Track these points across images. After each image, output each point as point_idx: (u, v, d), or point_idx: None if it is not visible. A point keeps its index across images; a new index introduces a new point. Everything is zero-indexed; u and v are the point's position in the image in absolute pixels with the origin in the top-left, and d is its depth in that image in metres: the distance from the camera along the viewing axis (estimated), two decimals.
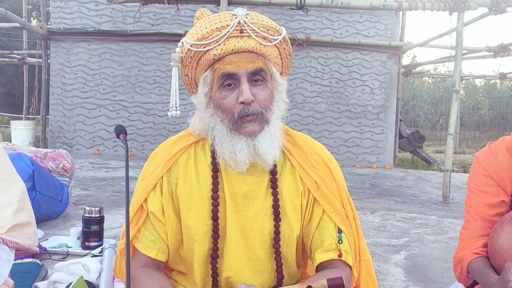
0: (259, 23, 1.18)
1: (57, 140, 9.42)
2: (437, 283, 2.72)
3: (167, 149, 1.29)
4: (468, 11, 5.91)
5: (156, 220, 1.24)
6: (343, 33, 9.64)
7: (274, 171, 1.25)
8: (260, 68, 1.17)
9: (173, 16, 9.25)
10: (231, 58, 1.16)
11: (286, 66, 1.29)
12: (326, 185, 1.26)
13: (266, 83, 1.19)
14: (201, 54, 1.18)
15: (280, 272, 1.26)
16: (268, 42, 1.19)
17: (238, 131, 1.17)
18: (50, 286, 2.11)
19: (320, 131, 9.54)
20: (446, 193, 5.70)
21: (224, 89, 1.17)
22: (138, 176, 1.32)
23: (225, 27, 1.15)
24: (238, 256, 1.23)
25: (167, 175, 1.25)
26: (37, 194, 3.37)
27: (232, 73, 1.15)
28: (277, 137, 1.20)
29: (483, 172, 1.46)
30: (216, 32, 1.15)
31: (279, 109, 1.23)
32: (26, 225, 1.50)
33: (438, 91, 30.03)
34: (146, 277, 1.20)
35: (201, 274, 1.26)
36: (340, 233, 1.24)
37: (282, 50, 1.24)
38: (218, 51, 1.16)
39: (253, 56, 1.17)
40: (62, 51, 9.44)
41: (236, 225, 1.22)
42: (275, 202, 1.23)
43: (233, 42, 1.16)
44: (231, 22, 1.15)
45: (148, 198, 1.24)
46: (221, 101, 1.17)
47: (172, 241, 1.25)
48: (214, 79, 1.19)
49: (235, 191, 1.23)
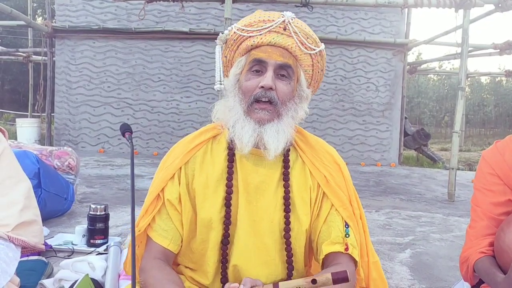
0: (302, 29, 1.28)
1: (62, 138, 9.46)
2: (442, 282, 2.71)
3: (186, 143, 1.34)
4: (474, 8, 5.88)
5: (172, 208, 1.28)
6: (348, 31, 9.61)
7: (286, 165, 1.30)
8: (289, 65, 1.25)
9: (178, 13, 9.25)
10: (267, 48, 1.25)
11: (315, 80, 1.35)
12: (335, 180, 1.31)
13: (290, 81, 1.26)
14: (243, 39, 1.28)
15: (290, 263, 1.28)
16: (304, 48, 1.27)
17: (250, 115, 1.24)
18: (56, 283, 2.11)
19: (324, 129, 9.53)
20: (452, 191, 5.68)
21: (251, 73, 1.25)
22: (142, 174, 1.34)
23: (270, 21, 1.26)
24: (247, 245, 1.26)
25: (184, 166, 1.30)
26: (42, 192, 3.39)
27: (262, 60, 1.23)
28: (284, 132, 1.24)
29: (489, 171, 1.45)
30: (261, 23, 1.26)
31: (295, 111, 1.28)
32: (32, 223, 1.51)
33: (444, 89, 29.91)
34: (156, 270, 1.23)
35: (213, 262, 1.28)
36: (347, 228, 1.26)
37: (315, 62, 1.31)
38: (257, 39, 1.26)
39: (287, 53, 1.26)
40: (67, 49, 9.46)
41: (247, 214, 1.26)
42: (286, 194, 1.28)
43: (273, 35, 1.25)
44: (278, 19, 1.26)
45: (165, 187, 1.29)
46: (244, 83, 1.25)
47: (186, 231, 1.28)
48: (246, 63, 1.28)
49: (248, 181, 1.28)
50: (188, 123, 9.54)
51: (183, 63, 9.51)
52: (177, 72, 9.55)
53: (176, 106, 9.57)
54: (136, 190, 1.32)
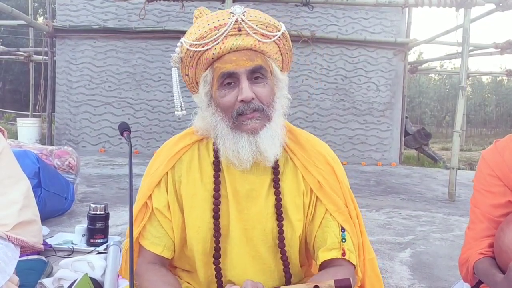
0: (257, 20, 1.17)
1: (63, 137, 9.47)
2: (442, 281, 2.71)
3: (170, 147, 1.29)
4: (474, 7, 5.87)
5: (162, 216, 1.24)
6: (348, 30, 9.60)
7: (276, 171, 1.24)
8: (260, 66, 1.16)
9: (178, 13, 9.25)
10: (230, 56, 1.15)
11: (286, 62, 1.28)
12: (329, 184, 1.25)
13: (266, 80, 1.18)
14: (200, 53, 1.18)
15: (288, 272, 1.25)
16: (267, 39, 1.18)
17: (239, 129, 1.16)
18: (55, 282, 2.12)
19: (325, 128, 9.53)
20: (452, 190, 5.67)
21: (224, 88, 1.17)
22: (143, 173, 1.33)
23: (222, 26, 1.14)
24: (241, 254, 1.23)
25: (171, 172, 1.25)
26: (42, 191, 3.39)
27: (231, 72, 1.14)
28: (278, 134, 1.19)
29: (489, 172, 1.43)
30: (214, 31, 1.15)
31: (281, 106, 1.22)
32: (31, 222, 1.50)
33: (444, 88, 29.88)
34: (151, 273, 1.20)
35: (204, 273, 1.25)
36: (344, 232, 1.23)
37: (281, 46, 1.22)
38: (216, 50, 1.15)
39: (252, 53, 1.16)
40: (68, 49, 9.47)
41: (238, 224, 1.22)
42: (277, 202, 1.23)
43: (231, 40, 1.15)
44: (229, 20, 1.15)
45: (152, 195, 1.24)
46: (220, 100, 1.17)
47: (178, 237, 1.25)
48: (214, 78, 1.18)
49: (237, 190, 1.23)
50: (189, 122, 9.40)
51: None
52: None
53: None
54: (137, 189, 1.32)
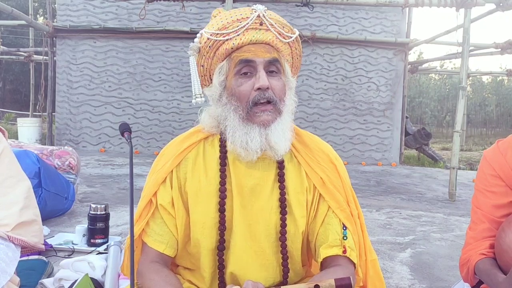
0: (276, 19, 1.23)
1: (63, 137, 9.47)
2: (442, 281, 2.71)
3: (176, 145, 1.31)
4: (475, 7, 5.87)
5: (166, 213, 1.25)
6: (348, 30, 9.60)
7: (281, 165, 1.26)
8: (276, 59, 1.21)
9: (179, 13, 9.25)
10: (249, 47, 1.20)
11: (295, 66, 1.33)
12: (332, 181, 1.28)
13: (280, 75, 1.22)
14: (219, 43, 1.21)
15: (286, 266, 1.26)
16: (283, 38, 1.24)
17: (251, 121, 1.19)
18: (56, 283, 2.11)
19: (325, 128, 9.52)
20: (452, 190, 5.67)
21: (240, 77, 1.20)
22: (143, 174, 1.33)
23: (245, 19, 1.20)
24: (244, 249, 1.24)
25: (176, 169, 1.27)
26: (43, 191, 3.39)
27: (249, 60, 1.18)
28: (288, 129, 1.23)
29: (491, 172, 1.42)
30: (236, 23, 1.20)
31: (290, 103, 1.26)
32: (31, 222, 1.50)
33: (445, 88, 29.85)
34: (153, 273, 1.21)
35: (209, 268, 1.26)
36: (345, 230, 1.24)
37: (293, 49, 1.29)
38: (237, 41, 1.20)
39: (270, 48, 1.22)
40: (68, 49, 9.47)
41: (242, 218, 1.24)
42: (281, 196, 1.25)
43: (252, 33, 1.20)
44: (251, 15, 1.20)
45: (157, 191, 1.26)
46: (236, 88, 1.20)
47: (181, 235, 1.26)
48: (230, 68, 1.22)
49: (242, 184, 1.25)
50: (189, 122, 9.53)
51: (184, 63, 9.51)
52: (178, 71, 9.55)
53: (177, 106, 9.57)
54: (137, 189, 1.32)
